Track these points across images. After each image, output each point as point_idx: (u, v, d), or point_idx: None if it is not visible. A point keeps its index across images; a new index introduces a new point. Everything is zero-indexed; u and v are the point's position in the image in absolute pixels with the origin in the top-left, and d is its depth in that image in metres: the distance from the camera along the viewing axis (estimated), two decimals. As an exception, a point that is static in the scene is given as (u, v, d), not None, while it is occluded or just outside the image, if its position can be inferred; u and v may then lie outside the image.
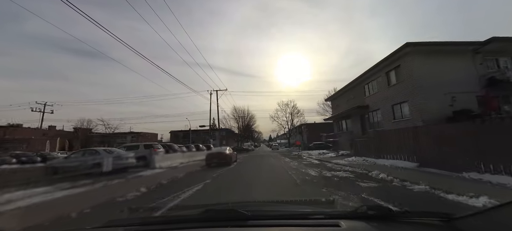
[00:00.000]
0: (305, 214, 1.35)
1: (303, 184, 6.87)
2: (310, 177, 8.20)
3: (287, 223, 1.22)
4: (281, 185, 6.92)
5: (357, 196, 5.10)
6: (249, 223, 1.17)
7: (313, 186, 6.55)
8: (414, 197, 5.03)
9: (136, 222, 1.43)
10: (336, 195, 5.25)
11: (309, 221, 1.21)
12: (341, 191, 5.61)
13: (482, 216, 0.99)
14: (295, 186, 6.60)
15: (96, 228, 1.26)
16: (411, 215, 1.15)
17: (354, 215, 1.20)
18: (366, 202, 4.64)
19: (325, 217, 1.23)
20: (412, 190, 5.56)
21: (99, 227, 1.27)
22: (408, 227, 1.10)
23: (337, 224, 1.07)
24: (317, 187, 6.38)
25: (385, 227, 1.09)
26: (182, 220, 1.38)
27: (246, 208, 1.37)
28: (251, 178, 8.47)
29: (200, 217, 1.31)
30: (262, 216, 1.33)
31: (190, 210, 2.08)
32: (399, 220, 1.14)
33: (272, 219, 1.27)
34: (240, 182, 7.80)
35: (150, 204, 4.96)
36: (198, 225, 1.23)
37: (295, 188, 6.42)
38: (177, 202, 5.19)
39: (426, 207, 4.35)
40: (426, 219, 1.12)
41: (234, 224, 1.16)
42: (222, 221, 1.22)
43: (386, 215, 1.16)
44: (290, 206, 2.52)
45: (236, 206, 1.52)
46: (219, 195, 6.01)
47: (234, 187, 6.97)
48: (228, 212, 1.42)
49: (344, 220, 1.12)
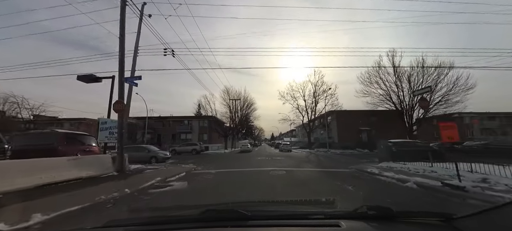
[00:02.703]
0: (305, 214, 1.36)
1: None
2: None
3: (287, 223, 1.22)
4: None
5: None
6: (249, 223, 1.17)
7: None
8: None
9: (136, 222, 1.43)
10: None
11: (309, 221, 1.21)
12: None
13: (481, 216, 0.99)
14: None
15: (96, 228, 1.25)
16: (411, 215, 1.21)
17: (354, 215, 1.21)
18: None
19: (325, 217, 1.24)
20: None
21: (99, 227, 1.26)
22: (408, 227, 1.12)
23: (337, 224, 1.08)
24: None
25: (385, 227, 1.11)
26: (182, 220, 1.36)
27: (246, 208, 1.38)
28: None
29: (200, 217, 1.29)
30: (262, 216, 1.32)
31: (190, 210, 1.96)
32: (399, 220, 1.15)
33: (272, 219, 1.26)
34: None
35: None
36: (198, 225, 1.22)
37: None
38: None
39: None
40: (426, 219, 1.16)
41: (234, 224, 1.16)
42: (222, 221, 1.21)
43: (386, 215, 1.18)
44: (290, 206, 2.66)
45: (236, 206, 1.54)
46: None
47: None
48: (228, 212, 1.44)
49: (344, 220, 1.12)
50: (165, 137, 38.49)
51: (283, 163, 12.82)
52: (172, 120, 39.48)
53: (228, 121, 37.67)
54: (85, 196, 4.95)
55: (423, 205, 4.59)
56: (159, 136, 38.79)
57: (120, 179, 7.54)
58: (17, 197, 4.70)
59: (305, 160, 15.71)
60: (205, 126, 37.75)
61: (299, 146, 39.37)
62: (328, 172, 9.70)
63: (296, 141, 49.59)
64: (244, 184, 6.94)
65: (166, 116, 39.99)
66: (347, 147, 30.50)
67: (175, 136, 38.34)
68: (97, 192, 5.33)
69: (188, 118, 38.61)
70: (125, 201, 4.96)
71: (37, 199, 4.66)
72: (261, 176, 8.24)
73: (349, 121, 32.44)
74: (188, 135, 38.20)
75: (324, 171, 9.92)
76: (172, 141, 36.79)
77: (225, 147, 34.56)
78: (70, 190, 5.58)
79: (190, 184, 6.89)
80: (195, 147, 25.52)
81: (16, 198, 4.62)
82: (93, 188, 5.89)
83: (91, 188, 5.89)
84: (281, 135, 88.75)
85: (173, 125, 39.12)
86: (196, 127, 38.66)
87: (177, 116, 40.05)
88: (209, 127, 36.67)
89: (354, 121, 32.64)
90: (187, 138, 37.79)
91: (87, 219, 3.82)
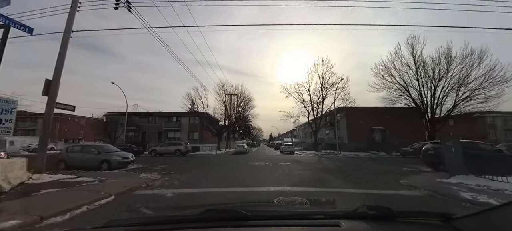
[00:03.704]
0: (305, 214, 1.35)
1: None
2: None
3: (287, 223, 1.20)
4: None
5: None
6: (249, 223, 1.15)
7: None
8: None
9: (136, 222, 1.42)
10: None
11: (309, 221, 1.20)
12: None
13: (481, 217, 0.99)
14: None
15: (96, 228, 1.22)
16: (411, 215, 1.21)
17: (354, 215, 1.20)
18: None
19: (325, 217, 1.23)
20: None
21: (99, 227, 1.22)
22: (408, 227, 1.11)
23: (337, 224, 1.07)
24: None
25: (385, 227, 1.10)
26: (182, 220, 1.31)
27: (246, 208, 1.34)
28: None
29: (200, 217, 1.26)
30: (262, 216, 1.30)
31: (190, 210, 1.72)
32: (399, 220, 1.14)
33: (272, 219, 1.25)
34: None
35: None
36: (198, 225, 1.20)
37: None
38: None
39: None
40: (426, 219, 1.15)
41: (234, 224, 1.14)
42: (222, 221, 1.19)
43: (386, 215, 1.17)
44: (290, 206, 2.76)
45: (236, 206, 1.48)
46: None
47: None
48: (228, 212, 1.40)
49: (344, 220, 1.11)
50: (150, 135, 33.97)
51: (292, 175, 8.49)
52: (159, 116, 34.92)
53: (223, 119, 33.21)
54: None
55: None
56: (144, 134, 34.26)
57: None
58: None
59: (319, 167, 11.38)
60: (196, 124, 33.24)
61: (302, 147, 35.03)
62: (380, 196, 5.38)
63: (298, 142, 45.29)
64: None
65: (151, 112, 35.39)
66: (359, 149, 26.24)
67: (161, 134, 33.81)
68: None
69: (176, 114, 34.02)
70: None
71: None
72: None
73: (359, 119, 28.15)
74: (177, 134, 33.69)
75: (369, 193, 5.58)
76: (158, 140, 32.29)
77: (218, 148, 30.13)
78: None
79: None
80: (179, 148, 21.08)
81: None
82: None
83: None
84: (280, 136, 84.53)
85: (159, 122, 34.53)
86: (186, 125, 34.13)
87: (163, 112, 35.49)
88: (200, 124, 32.12)
89: (365, 119, 28.38)
90: (175, 137, 33.28)
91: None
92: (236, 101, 34.01)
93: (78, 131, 40.06)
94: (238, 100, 34.16)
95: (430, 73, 24.45)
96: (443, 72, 23.94)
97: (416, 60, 24.98)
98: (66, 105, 9.12)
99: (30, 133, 37.26)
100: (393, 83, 25.79)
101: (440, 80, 24.17)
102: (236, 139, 54.26)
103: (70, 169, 10.37)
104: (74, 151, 10.88)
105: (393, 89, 25.90)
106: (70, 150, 10.99)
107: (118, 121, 30.92)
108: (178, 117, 34.13)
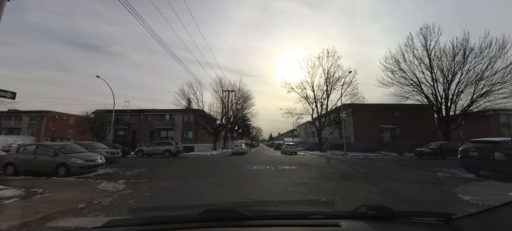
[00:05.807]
0: (305, 214, 1.32)
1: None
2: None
3: (287, 223, 1.19)
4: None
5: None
6: (249, 223, 1.15)
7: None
8: None
9: (136, 222, 1.39)
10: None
11: (309, 221, 1.19)
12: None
13: (481, 217, 0.97)
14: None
15: (96, 228, 1.23)
16: (411, 215, 1.19)
17: (354, 215, 1.19)
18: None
19: (325, 217, 1.22)
20: None
21: (99, 227, 1.22)
22: (408, 227, 1.10)
23: (337, 224, 1.06)
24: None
25: (385, 227, 1.09)
26: (182, 220, 1.31)
27: (246, 208, 1.34)
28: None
29: (200, 217, 1.25)
30: (262, 216, 1.29)
31: (190, 210, 1.90)
32: (399, 220, 1.13)
33: (272, 219, 1.23)
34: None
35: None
36: (198, 225, 1.19)
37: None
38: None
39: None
40: (426, 219, 1.14)
41: (234, 224, 1.13)
42: (222, 221, 1.18)
43: (386, 215, 1.15)
44: (290, 206, 2.69)
45: (236, 206, 1.50)
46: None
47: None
48: (228, 212, 1.39)
49: (344, 220, 1.10)
50: (142, 133, 31.73)
51: (304, 186, 6.32)
52: (151, 114, 32.62)
53: (220, 117, 31.04)
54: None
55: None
56: (135, 133, 32.01)
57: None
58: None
59: (333, 172, 9.25)
60: (191, 122, 31.02)
61: (304, 147, 32.86)
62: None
63: (299, 141, 43.13)
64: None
65: (142, 109, 33.10)
66: (367, 149, 24.14)
67: (154, 133, 31.56)
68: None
69: (169, 112, 31.77)
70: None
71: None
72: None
73: (367, 117, 26.01)
74: (170, 133, 31.45)
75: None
76: (149, 139, 30.07)
77: (214, 148, 27.94)
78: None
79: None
80: (169, 148, 18.89)
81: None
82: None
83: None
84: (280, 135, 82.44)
85: (151, 120, 32.26)
86: (180, 123, 31.89)
87: (155, 109, 33.18)
88: (195, 123, 29.89)
89: (373, 117, 26.26)
90: (168, 136, 31.03)
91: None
92: (234, 98, 31.87)
93: (66, 130, 37.73)
94: (236, 97, 32.04)
95: (445, 66, 22.35)
96: (459, 66, 21.88)
97: (429, 52, 22.92)
98: (3, 91, 6.92)
99: (14, 132, 34.98)
100: (404, 78, 23.68)
101: (455, 75, 22.12)
102: (235, 138, 52.03)
103: (19, 175, 8.22)
104: (27, 152, 8.68)
105: (404, 84, 23.78)
106: (22, 151, 8.80)
107: (106, 119, 28.67)
108: (171, 114, 31.88)
